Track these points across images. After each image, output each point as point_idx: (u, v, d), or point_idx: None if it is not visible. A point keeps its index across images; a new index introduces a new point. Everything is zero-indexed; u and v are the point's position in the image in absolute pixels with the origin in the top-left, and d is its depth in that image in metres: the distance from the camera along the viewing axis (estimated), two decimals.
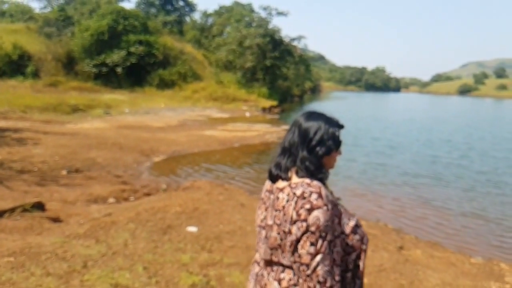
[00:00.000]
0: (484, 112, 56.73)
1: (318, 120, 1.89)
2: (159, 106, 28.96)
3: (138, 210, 6.84)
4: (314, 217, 1.68)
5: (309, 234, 1.69)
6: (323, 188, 1.76)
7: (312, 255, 1.69)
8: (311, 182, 1.78)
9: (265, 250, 1.89)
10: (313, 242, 1.69)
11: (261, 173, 12.74)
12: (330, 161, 1.91)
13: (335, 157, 1.93)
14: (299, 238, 1.71)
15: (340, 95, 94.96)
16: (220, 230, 6.39)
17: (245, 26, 44.61)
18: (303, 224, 1.69)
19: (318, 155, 1.84)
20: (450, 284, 5.53)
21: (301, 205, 1.71)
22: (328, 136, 1.85)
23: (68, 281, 4.01)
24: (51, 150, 12.05)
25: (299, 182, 1.79)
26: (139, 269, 4.49)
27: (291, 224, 1.73)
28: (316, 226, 1.68)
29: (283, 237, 1.77)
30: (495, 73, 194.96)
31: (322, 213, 1.69)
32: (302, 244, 1.70)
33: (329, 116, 1.94)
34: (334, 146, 1.88)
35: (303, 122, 1.89)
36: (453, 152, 18.30)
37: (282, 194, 1.80)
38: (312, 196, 1.71)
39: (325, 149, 1.85)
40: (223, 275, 4.70)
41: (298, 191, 1.75)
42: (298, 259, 1.72)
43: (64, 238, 5.21)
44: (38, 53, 32.80)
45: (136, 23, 36.48)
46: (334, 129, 1.89)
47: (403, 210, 9.78)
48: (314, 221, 1.68)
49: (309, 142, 1.84)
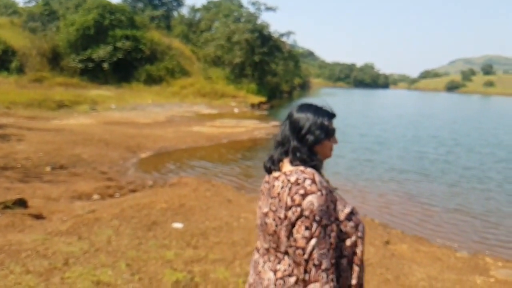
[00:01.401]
0: (471, 109, 57.16)
1: (307, 111, 1.93)
2: (146, 102, 28.77)
3: (122, 207, 6.76)
4: (308, 201, 1.71)
5: (303, 219, 1.71)
6: (316, 175, 1.80)
7: (307, 238, 1.71)
8: (305, 169, 1.82)
9: (264, 238, 1.93)
10: (307, 226, 1.71)
11: (248, 169, 12.71)
12: (324, 150, 1.94)
13: (328, 146, 1.96)
14: (293, 223, 1.74)
15: (329, 91, 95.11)
16: (206, 226, 6.34)
17: (234, 21, 44.39)
18: (297, 209, 1.72)
19: (308, 144, 1.88)
20: (436, 278, 5.54)
21: (295, 190, 1.75)
22: (316, 126, 1.89)
23: (48, 279, 3.93)
24: (35, 147, 11.89)
25: (293, 170, 1.83)
26: (122, 266, 4.42)
27: (286, 210, 1.76)
28: (310, 211, 1.71)
29: (278, 223, 1.80)
30: (483, 69, 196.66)
31: (316, 198, 1.72)
32: (297, 228, 1.73)
33: (319, 107, 1.98)
34: (324, 135, 1.91)
35: (294, 114, 1.95)
36: (440, 148, 18.39)
37: (277, 182, 1.85)
38: (306, 182, 1.75)
39: (314, 138, 1.88)
40: (208, 271, 4.65)
41: (292, 178, 1.79)
42: (294, 243, 1.74)
43: (45, 235, 5.12)
44: (23, 48, 32.28)
45: (123, 18, 36.12)
46: (323, 118, 1.92)
47: (390, 206, 9.79)
48: (308, 206, 1.71)
49: (298, 132, 1.89)
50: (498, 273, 6.16)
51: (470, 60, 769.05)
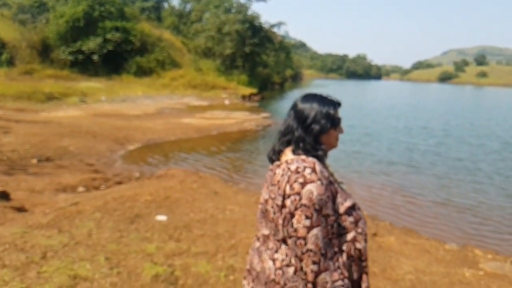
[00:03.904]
0: (463, 99, 57.25)
1: (312, 101, 1.95)
2: (137, 94, 28.57)
3: (106, 199, 6.67)
4: (307, 190, 1.71)
5: (303, 208, 1.71)
6: (317, 164, 1.80)
7: (308, 228, 1.70)
8: (306, 158, 1.82)
9: (265, 224, 1.93)
10: (308, 216, 1.70)
11: (236, 161, 12.64)
12: (329, 140, 1.97)
13: (334, 135, 1.99)
14: (293, 212, 1.73)
15: (321, 82, 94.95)
16: (190, 219, 6.27)
17: (224, 12, 44.04)
18: (296, 198, 1.72)
19: (313, 133, 1.89)
20: (423, 271, 5.48)
21: (294, 179, 1.75)
22: (321, 115, 1.91)
23: (25, 273, 3.85)
24: (22, 139, 11.76)
25: (294, 158, 1.84)
26: (101, 259, 4.34)
27: (285, 198, 1.76)
28: (309, 199, 1.70)
29: (276, 210, 1.80)
30: (476, 60, 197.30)
31: (315, 187, 1.72)
32: (297, 218, 1.72)
33: (324, 96, 2.00)
34: (330, 124, 1.93)
35: (299, 104, 1.96)
36: (430, 139, 18.37)
37: (278, 170, 1.85)
38: (306, 170, 1.75)
39: (320, 127, 1.90)
40: (189, 264, 4.58)
41: (293, 166, 1.79)
42: (294, 233, 1.73)
43: (25, 229, 5.03)
44: (13, 40, 31.95)
45: (113, 9, 35.76)
46: (329, 107, 1.95)
47: (378, 198, 9.75)
48: (307, 195, 1.71)
49: (303, 121, 1.90)
50: (487, 265, 6.12)
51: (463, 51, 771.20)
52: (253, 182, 10.31)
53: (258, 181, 10.40)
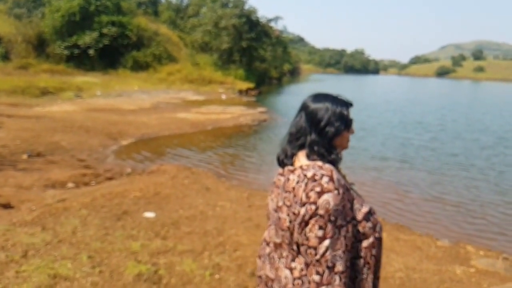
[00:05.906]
0: (460, 94, 57.22)
1: (325, 101, 1.86)
2: (133, 89, 28.43)
3: (94, 196, 6.59)
4: (324, 200, 1.65)
5: (318, 218, 1.65)
6: (335, 172, 1.73)
7: (320, 238, 1.65)
8: (323, 165, 1.75)
9: (276, 232, 1.86)
10: (321, 226, 1.65)
11: (230, 156, 12.57)
12: (342, 142, 1.89)
13: (347, 137, 1.91)
14: (307, 221, 1.67)
15: (319, 77, 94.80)
16: (179, 215, 6.20)
17: (221, 7, 43.86)
18: (312, 207, 1.66)
19: (328, 137, 1.82)
20: (414, 269, 5.42)
21: (311, 187, 1.68)
22: (336, 117, 1.83)
23: (3, 273, 3.78)
24: (13, 134, 11.65)
25: (310, 164, 1.76)
26: (83, 258, 4.26)
27: (300, 205, 1.69)
28: (326, 210, 1.64)
29: (293, 219, 1.73)
30: (473, 55, 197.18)
31: (332, 197, 1.66)
32: (311, 227, 1.66)
33: (335, 96, 1.91)
34: (344, 125, 1.85)
35: (310, 105, 1.87)
36: (425, 134, 18.30)
37: (293, 176, 1.77)
38: (323, 179, 1.68)
39: (334, 130, 1.82)
40: (174, 263, 4.50)
41: (309, 173, 1.72)
42: (306, 242, 1.68)
43: (9, 226, 4.95)
44: (8, 35, 31.71)
45: (109, 4, 35.51)
46: (342, 108, 1.86)
47: (371, 194, 9.66)
48: (323, 205, 1.65)
49: (317, 124, 1.82)
50: (478, 262, 6.07)
51: (460, 46, 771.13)
52: (246, 178, 10.25)
53: (251, 176, 10.32)
